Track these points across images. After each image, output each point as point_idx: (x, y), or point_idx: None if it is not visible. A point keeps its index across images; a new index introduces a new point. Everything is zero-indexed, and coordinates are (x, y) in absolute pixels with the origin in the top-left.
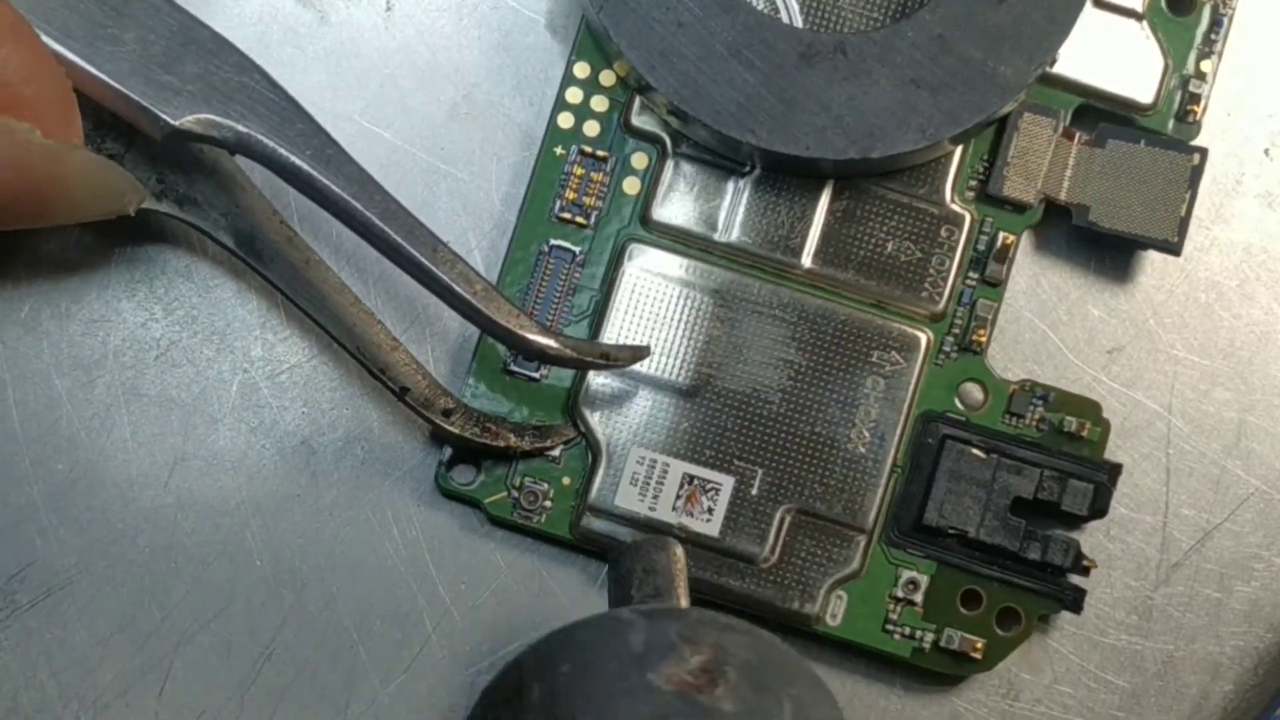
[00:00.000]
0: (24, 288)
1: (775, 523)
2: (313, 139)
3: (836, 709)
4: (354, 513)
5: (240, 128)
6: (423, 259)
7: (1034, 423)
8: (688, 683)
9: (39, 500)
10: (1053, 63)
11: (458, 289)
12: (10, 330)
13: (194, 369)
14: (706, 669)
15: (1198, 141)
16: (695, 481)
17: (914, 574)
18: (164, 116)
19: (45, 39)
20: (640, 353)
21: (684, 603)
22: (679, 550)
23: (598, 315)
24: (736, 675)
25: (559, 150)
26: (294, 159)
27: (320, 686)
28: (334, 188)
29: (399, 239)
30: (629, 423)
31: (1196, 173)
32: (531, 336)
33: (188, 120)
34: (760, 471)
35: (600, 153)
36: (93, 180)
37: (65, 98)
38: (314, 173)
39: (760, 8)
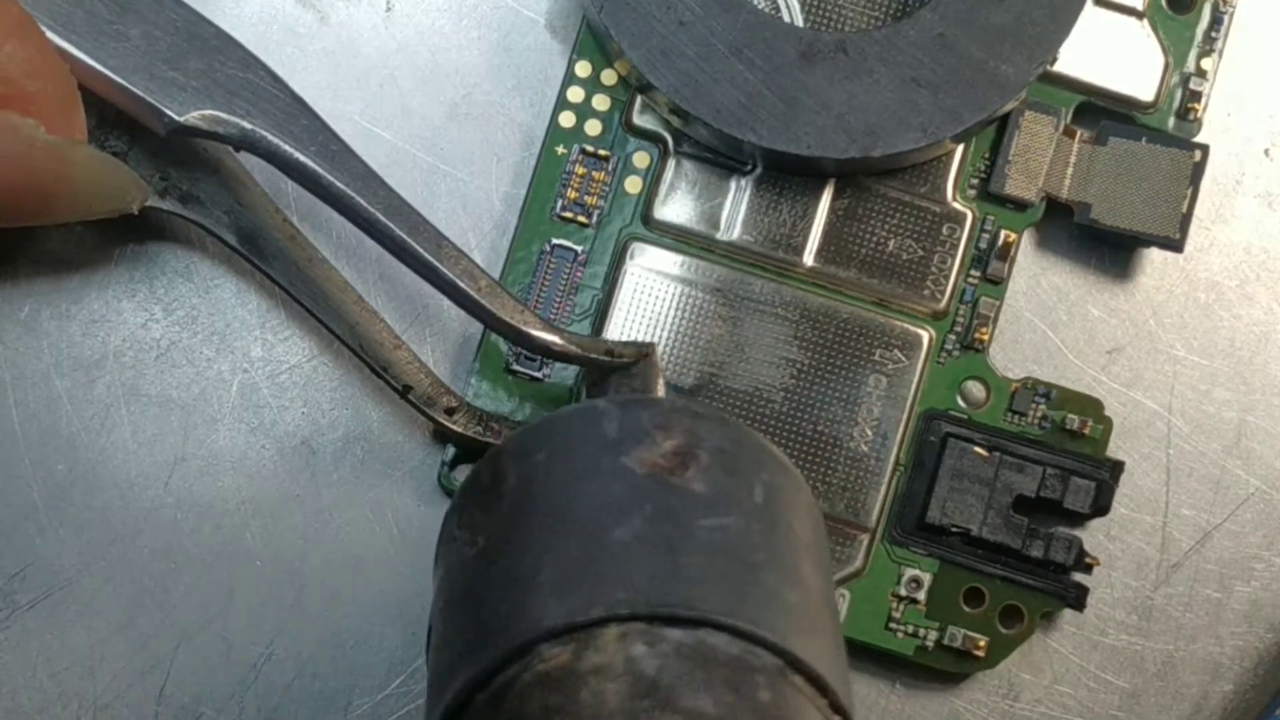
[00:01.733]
0: (24, 287)
1: None
2: (317, 135)
3: (807, 492)
4: (354, 513)
5: (245, 124)
6: (427, 255)
7: (1036, 421)
8: (660, 465)
9: (39, 500)
10: (1054, 61)
11: (462, 285)
12: (10, 330)
13: (194, 369)
14: (678, 452)
15: (1198, 140)
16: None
17: (917, 572)
18: (168, 112)
19: (50, 35)
20: (644, 349)
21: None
22: (655, 353)
23: (600, 314)
24: (708, 458)
25: (560, 149)
26: (298, 155)
27: (321, 687)
28: (338, 184)
29: (403, 235)
30: None
31: (1198, 169)
32: (536, 333)
33: (192, 116)
34: None
35: (602, 152)
36: (96, 177)
37: (70, 94)
38: (318, 169)
39: (761, 7)
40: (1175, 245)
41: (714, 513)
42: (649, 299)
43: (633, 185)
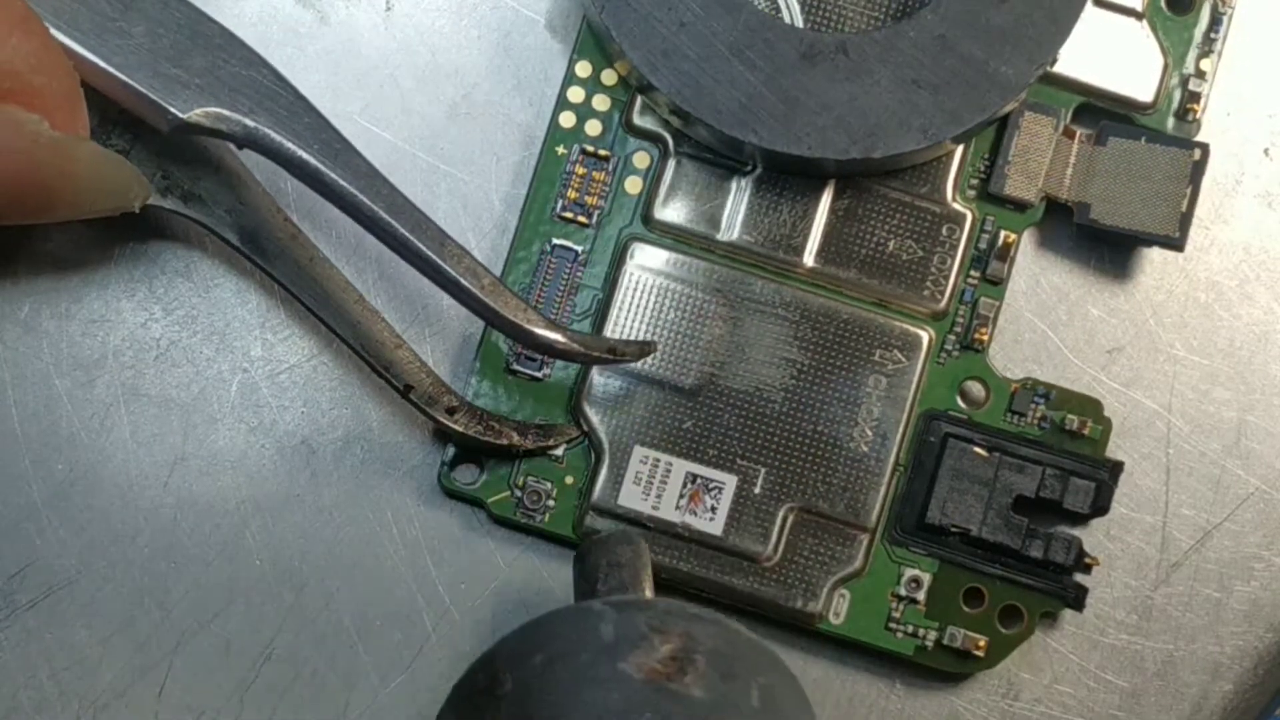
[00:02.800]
0: (24, 287)
1: (778, 521)
2: (320, 133)
3: (803, 696)
4: (354, 512)
5: (248, 122)
6: (430, 253)
7: (1035, 421)
8: (658, 671)
9: (39, 500)
10: (1053, 62)
11: (465, 283)
12: (10, 330)
13: (194, 369)
14: (676, 657)
15: (1198, 140)
16: (698, 480)
17: (916, 572)
18: (172, 109)
19: (53, 31)
20: (647, 348)
21: (649, 596)
22: (643, 544)
23: (600, 314)
24: (705, 663)
25: (561, 149)
26: (301, 153)
27: (320, 686)
28: (341, 182)
29: (406, 233)
30: (632, 422)
31: (1198, 168)
32: (539, 331)
33: (196, 114)
34: (763, 470)
35: (602, 152)
36: (99, 174)
37: (73, 90)
38: (321, 167)
39: (762, 8)
40: (1175, 244)
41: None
42: (649, 299)
43: (633, 185)
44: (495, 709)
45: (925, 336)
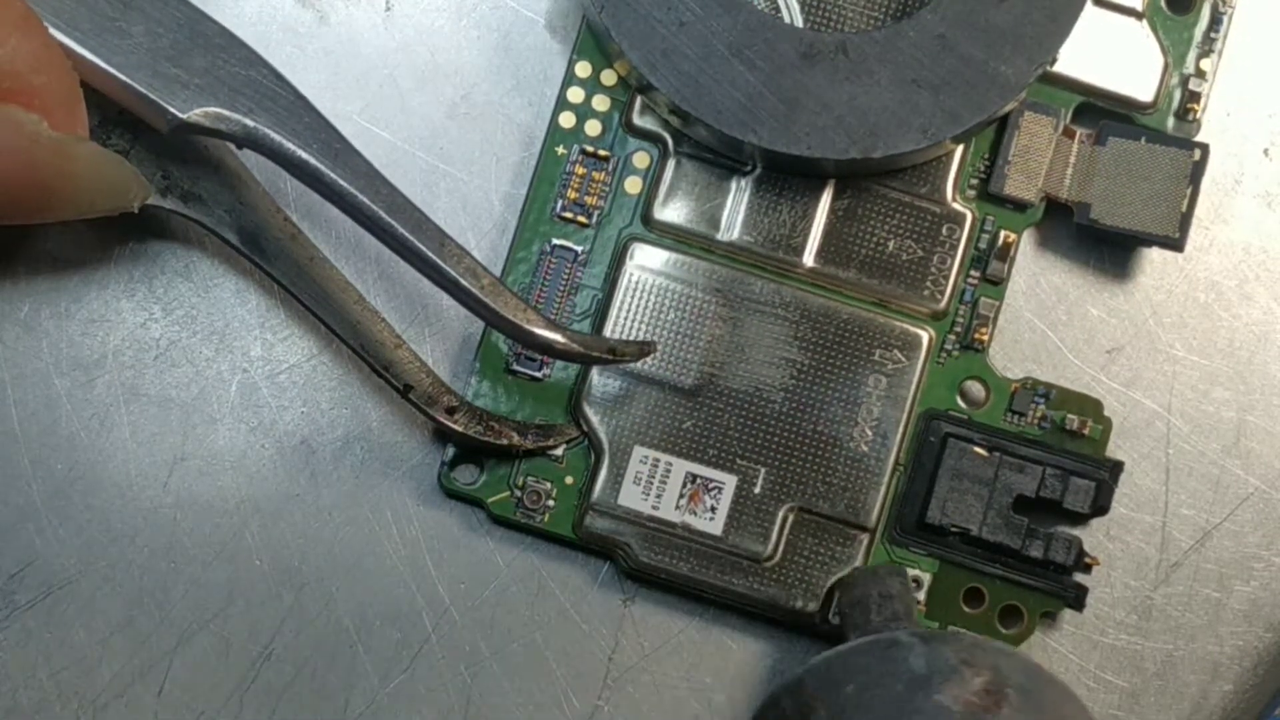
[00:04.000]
0: (23, 287)
1: (778, 521)
2: (320, 133)
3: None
4: (353, 512)
5: (248, 121)
6: (430, 253)
7: (1035, 421)
8: (974, 703)
9: (38, 500)
10: (1053, 62)
11: (465, 283)
12: (10, 330)
13: (193, 369)
14: (989, 690)
15: (1198, 140)
16: (698, 480)
17: (917, 572)
18: (171, 109)
19: (53, 31)
20: (647, 348)
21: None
22: (908, 577)
23: (600, 315)
24: (1017, 697)
25: (560, 149)
26: (301, 153)
27: (319, 686)
28: (341, 181)
29: (406, 233)
30: (632, 422)
31: (1198, 169)
32: (539, 331)
33: (195, 114)
34: (763, 470)
35: (602, 152)
36: (99, 174)
37: (72, 90)
38: (321, 166)
39: (761, 8)
40: (1175, 244)
41: None
42: (649, 299)
43: (633, 186)
44: None
45: (925, 336)
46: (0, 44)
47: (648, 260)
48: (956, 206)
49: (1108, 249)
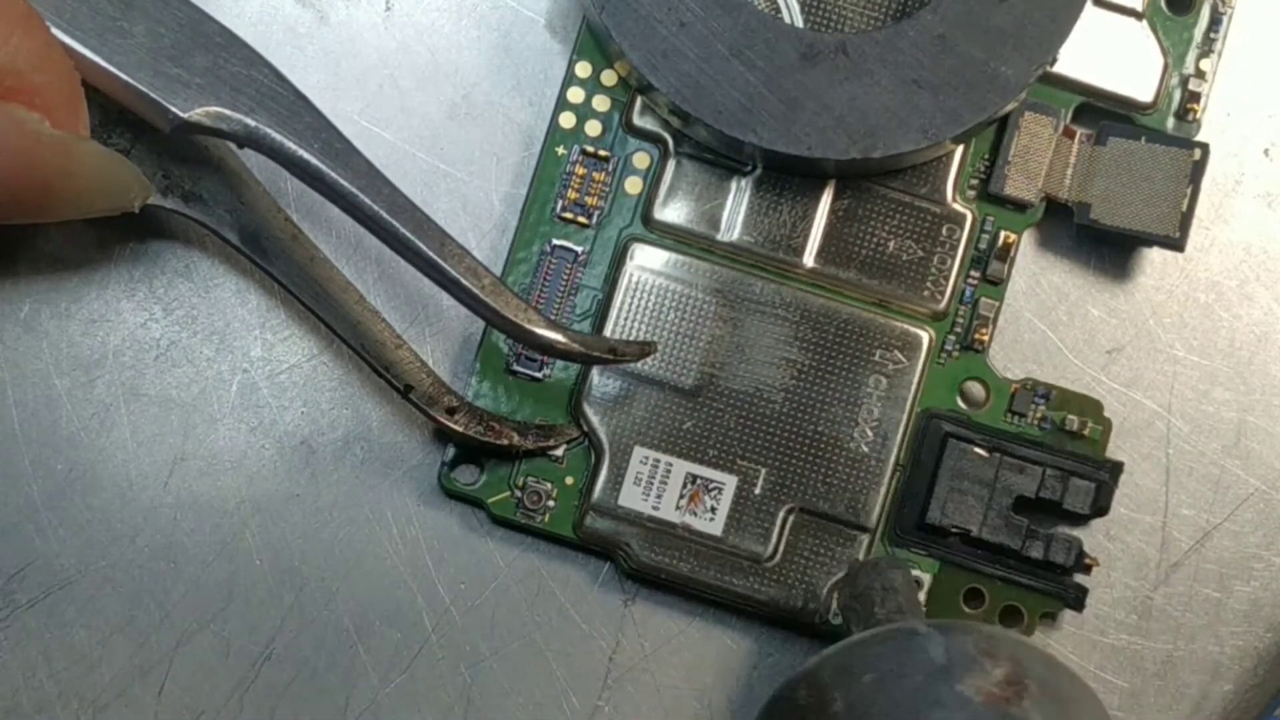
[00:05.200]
0: (23, 287)
1: (778, 522)
2: (321, 133)
3: (1107, 713)
4: (353, 512)
5: (249, 121)
6: (431, 253)
7: (1035, 421)
8: (995, 694)
9: (39, 500)
10: (1053, 62)
11: (466, 283)
12: (10, 330)
13: (194, 369)
14: (1011, 681)
15: (1198, 140)
16: (698, 481)
17: (917, 572)
18: (173, 109)
19: (54, 31)
20: (647, 348)
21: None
22: (909, 569)
23: (600, 315)
24: (1037, 688)
25: (561, 150)
26: (302, 153)
27: (319, 686)
28: (342, 181)
29: (407, 233)
30: (632, 422)
31: (1198, 168)
32: (540, 330)
33: (197, 113)
34: (763, 471)
35: (602, 152)
36: (100, 174)
37: (74, 89)
38: (322, 166)
39: (761, 8)
40: (1176, 244)
41: None
42: (649, 300)
43: (633, 186)
44: None
45: (925, 337)
46: (2, 43)
47: (648, 260)
48: (957, 207)
49: (1108, 249)
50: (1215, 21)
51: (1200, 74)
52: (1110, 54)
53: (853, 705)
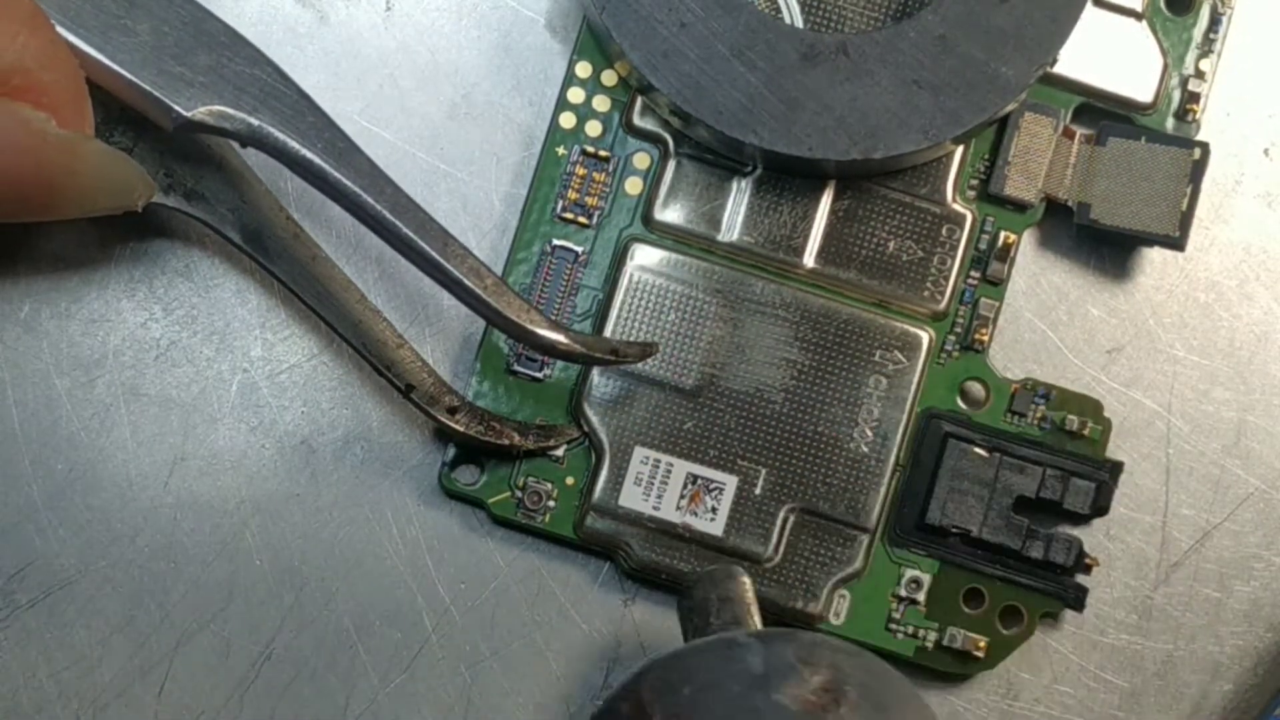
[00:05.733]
0: (24, 287)
1: (778, 522)
2: (324, 132)
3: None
4: (353, 512)
5: (252, 120)
6: (433, 252)
7: (1035, 421)
8: (812, 702)
9: (39, 500)
10: (1053, 62)
11: (468, 283)
12: (10, 330)
13: (194, 368)
14: (828, 689)
15: (1198, 139)
16: (699, 481)
17: (917, 573)
18: (176, 107)
19: (59, 29)
20: (649, 349)
21: (759, 627)
22: (748, 579)
23: (600, 315)
24: (856, 695)
25: (561, 150)
26: (305, 152)
27: (320, 686)
28: (345, 181)
29: (409, 233)
30: (632, 422)
31: (1198, 168)
32: (541, 331)
33: (200, 112)
34: (763, 471)
35: (602, 152)
36: (104, 172)
37: (79, 88)
38: (325, 165)
39: (762, 8)
40: (1176, 244)
41: None
42: (649, 300)
43: (633, 186)
44: None
45: (925, 337)
46: (9, 41)
47: (648, 261)
48: (957, 207)
49: (1108, 249)
50: (1215, 21)
51: (1200, 74)
52: (1110, 54)
53: (670, 718)
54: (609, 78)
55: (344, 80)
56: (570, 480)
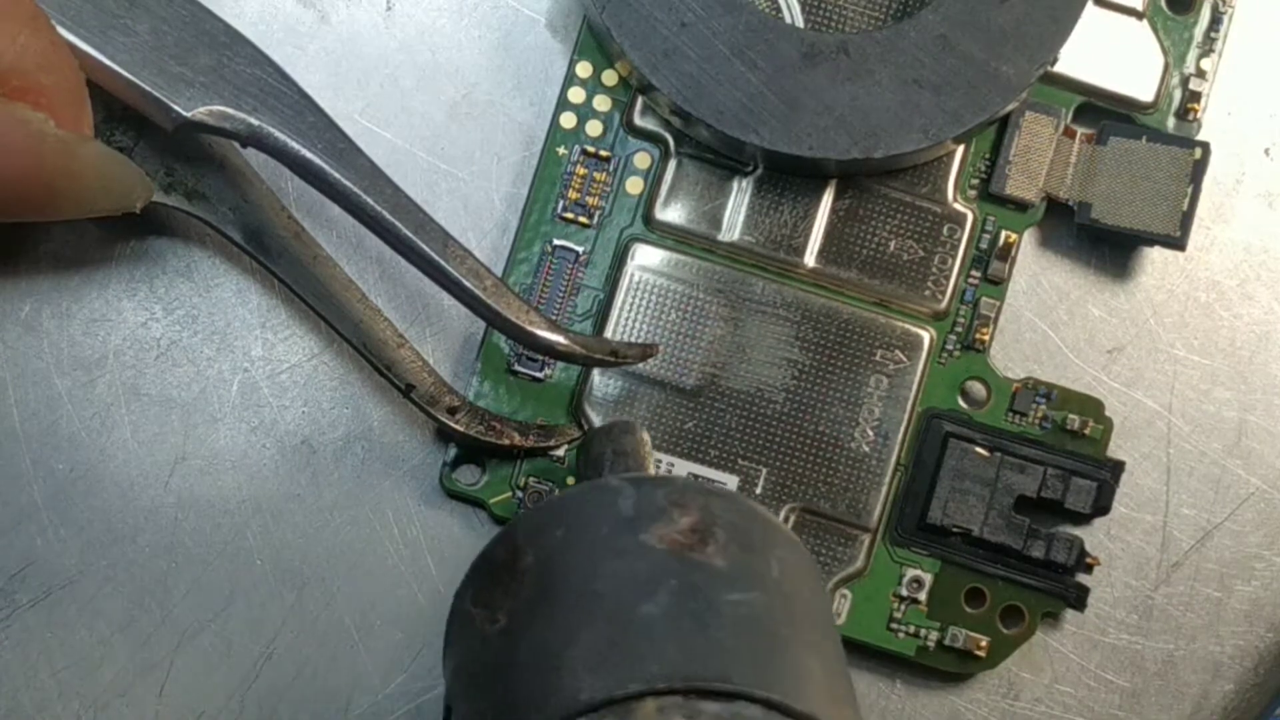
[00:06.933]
0: (24, 286)
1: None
2: (324, 133)
3: (817, 570)
4: (354, 512)
5: (252, 120)
6: (433, 254)
7: (1036, 421)
8: (679, 541)
9: (39, 500)
10: (1054, 62)
11: (468, 284)
12: (10, 329)
13: (194, 368)
14: (696, 529)
15: (1199, 139)
16: (700, 481)
17: (918, 572)
18: (176, 108)
19: (58, 29)
20: (649, 350)
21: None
22: (645, 434)
23: (601, 315)
24: (725, 535)
25: (561, 150)
26: (306, 152)
27: (321, 686)
28: (345, 181)
29: (409, 233)
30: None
31: (1199, 167)
32: (541, 332)
33: (200, 112)
34: (764, 471)
35: (603, 152)
36: (103, 173)
37: (79, 89)
38: (325, 166)
39: (762, 8)
40: (1177, 243)
41: (737, 588)
42: (650, 300)
43: (634, 186)
44: (517, 583)
45: (926, 336)
46: (10, 42)
47: (649, 261)
48: (957, 206)
49: (1108, 249)
50: (1216, 21)
51: (1201, 73)
52: (1111, 54)
53: (541, 560)
54: (610, 77)
55: (344, 80)
56: (571, 481)
